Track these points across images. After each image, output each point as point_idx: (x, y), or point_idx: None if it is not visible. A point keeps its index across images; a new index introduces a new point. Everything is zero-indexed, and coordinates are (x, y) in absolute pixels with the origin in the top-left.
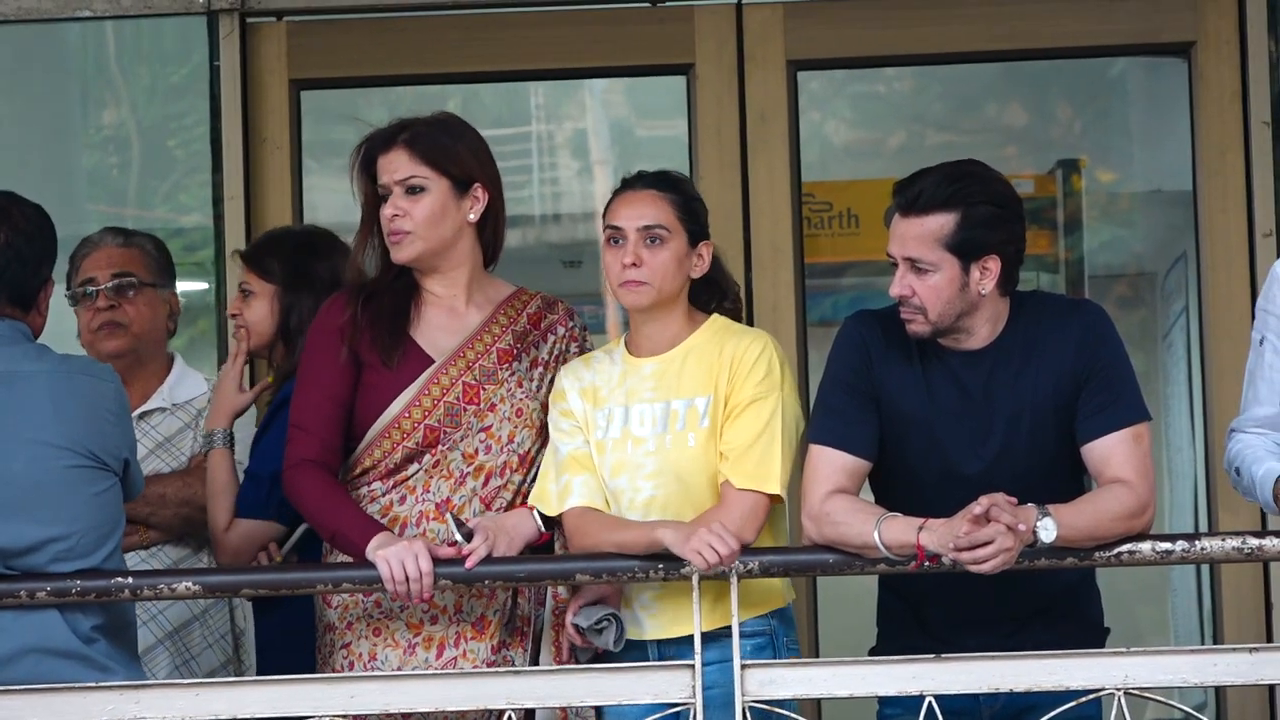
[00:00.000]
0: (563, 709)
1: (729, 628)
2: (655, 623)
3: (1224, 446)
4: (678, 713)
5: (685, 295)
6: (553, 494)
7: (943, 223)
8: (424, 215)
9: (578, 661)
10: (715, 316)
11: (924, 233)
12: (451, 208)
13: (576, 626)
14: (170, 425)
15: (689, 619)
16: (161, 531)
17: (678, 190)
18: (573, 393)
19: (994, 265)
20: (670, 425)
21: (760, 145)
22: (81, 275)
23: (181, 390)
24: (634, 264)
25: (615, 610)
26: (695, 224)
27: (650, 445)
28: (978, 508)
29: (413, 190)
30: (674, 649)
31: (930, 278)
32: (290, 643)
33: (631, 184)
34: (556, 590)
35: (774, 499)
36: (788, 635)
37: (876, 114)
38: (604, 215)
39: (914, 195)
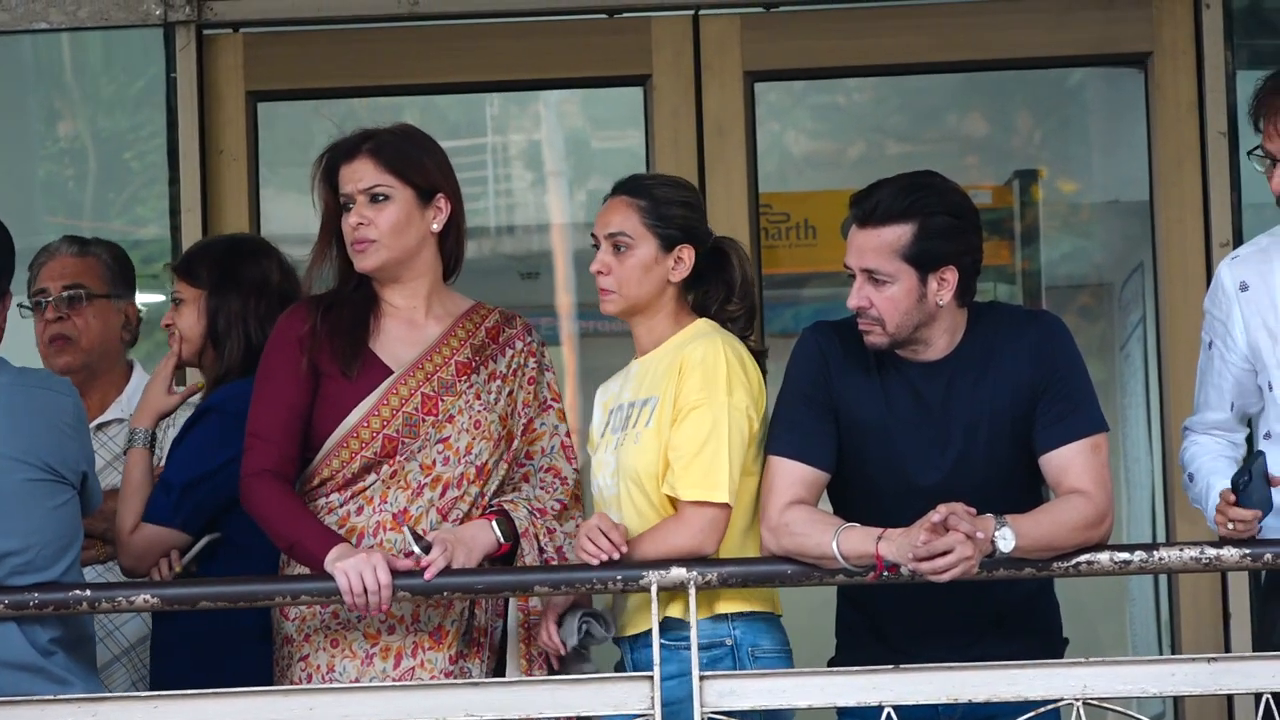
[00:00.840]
0: None
1: (681, 636)
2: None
3: (1179, 444)
4: None
5: (671, 298)
6: None
7: (899, 234)
8: (388, 224)
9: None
10: (700, 320)
11: (881, 244)
12: (415, 217)
13: (567, 644)
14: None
15: (639, 619)
16: None
17: (649, 196)
18: (598, 408)
19: (951, 276)
20: (628, 425)
21: (717, 156)
22: (36, 285)
23: None
24: (600, 272)
25: (586, 608)
26: (669, 229)
27: (614, 445)
28: (936, 516)
29: (377, 199)
30: (627, 646)
31: (888, 289)
32: (184, 646)
33: (612, 191)
34: (525, 602)
35: (724, 507)
36: (756, 644)
37: (835, 125)
38: None
39: (871, 206)
